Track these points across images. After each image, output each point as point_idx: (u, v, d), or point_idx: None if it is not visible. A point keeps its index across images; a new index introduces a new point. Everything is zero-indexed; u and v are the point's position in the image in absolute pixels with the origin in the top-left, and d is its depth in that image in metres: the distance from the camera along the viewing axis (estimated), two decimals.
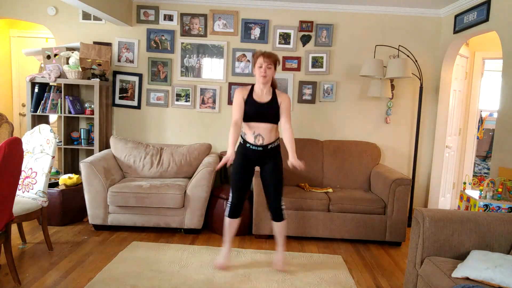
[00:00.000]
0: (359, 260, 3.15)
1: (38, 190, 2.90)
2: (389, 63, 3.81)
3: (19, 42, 5.23)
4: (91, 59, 3.89)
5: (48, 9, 4.17)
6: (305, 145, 4.02)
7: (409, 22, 4.18)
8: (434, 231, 2.17)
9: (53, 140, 2.91)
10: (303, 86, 4.24)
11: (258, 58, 2.72)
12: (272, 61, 2.71)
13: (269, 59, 2.69)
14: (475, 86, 4.66)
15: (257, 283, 2.62)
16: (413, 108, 4.26)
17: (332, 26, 4.16)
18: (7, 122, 4.11)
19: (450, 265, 2.02)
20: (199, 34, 4.21)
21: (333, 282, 2.70)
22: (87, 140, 4.13)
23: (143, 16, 4.21)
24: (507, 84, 3.02)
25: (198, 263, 2.90)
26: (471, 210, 2.75)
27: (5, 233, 2.39)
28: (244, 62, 4.24)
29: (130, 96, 4.31)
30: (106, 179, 3.45)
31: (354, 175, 3.95)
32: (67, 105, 3.98)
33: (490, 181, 2.72)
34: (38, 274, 2.63)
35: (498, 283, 1.80)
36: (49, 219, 3.51)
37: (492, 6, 3.28)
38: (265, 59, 2.68)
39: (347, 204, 3.42)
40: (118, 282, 2.54)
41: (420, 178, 4.32)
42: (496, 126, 3.15)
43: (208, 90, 4.28)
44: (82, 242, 3.24)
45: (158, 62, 4.26)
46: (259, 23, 4.19)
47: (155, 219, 3.46)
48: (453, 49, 4.02)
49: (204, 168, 3.51)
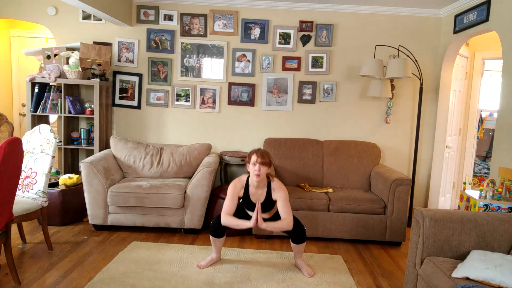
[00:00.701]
0: (359, 260, 3.15)
1: (38, 190, 2.90)
2: (389, 63, 3.81)
3: (19, 42, 5.23)
4: (91, 59, 3.89)
5: (48, 9, 4.17)
6: (305, 145, 4.02)
7: (409, 22, 4.18)
8: (434, 231, 2.17)
9: (53, 140, 2.91)
10: (303, 86, 4.24)
11: (252, 156, 2.73)
12: (266, 159, 2.71)
13: (262, 159, 2.69)
14: (475, 86, 4.66)
15: (257, 283, 2.62)
16: (413, 108, 4.26)
17: (332, 26, 4.16)
18: (7, 122, 4.12)
19: (450, 265, 2.02)
20: (199, 34, 4.21)
21: (333, 282, 2.70)
22: (87, 140, 4.13)
23: (143, 16, 4.21)
24: (507, 84, 3.02)
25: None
26: (471, 210, 2.75)
27: (5, 233, 2.39)
28: (244, 62, 4.24)
29: (130, 96, 4.31)
30: (106, 179, 3.45)
31: (354, 175, 3.95)
32: (67, 105, 3.98)
33: (490, 181, 2.72)
34: (38, 274, 2.63)
35: (498, 283, 1.80)
36: (49, 219, 3.51)
37: (492, 6, 3.28)
38: (258, 159, 2.69)
39: (347, 204, 3.42)
40: (118, 282, 2.54)
41: (420, 178, 4.32)
42: (496, 126, 3.15)
43: (208, 90, 4.28)
44: (82, 242, 3.24)
45: (158, 62, 4.26)
46: (259, 23, 4.19)
47: (155, 219, 3.46)
48: (453, 49, 4.02)
49: (204, 168, 3.51)
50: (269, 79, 4.24)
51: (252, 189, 2.81)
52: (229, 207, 2.75)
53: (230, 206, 2.75)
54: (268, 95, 4.26)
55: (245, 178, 2.84)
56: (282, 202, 2.75)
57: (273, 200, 2.81)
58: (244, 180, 2.84)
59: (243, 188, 2.82)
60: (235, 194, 2.79)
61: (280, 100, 4.27)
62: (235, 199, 2.79)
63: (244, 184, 2.82)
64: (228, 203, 2.76)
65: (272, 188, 2.80)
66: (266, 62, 4.22)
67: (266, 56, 4.20)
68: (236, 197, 2.80)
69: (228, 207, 2.75)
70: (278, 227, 2.69)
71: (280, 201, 2.76)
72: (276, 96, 4.26)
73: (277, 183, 2.81)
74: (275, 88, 4.25)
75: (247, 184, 2.82)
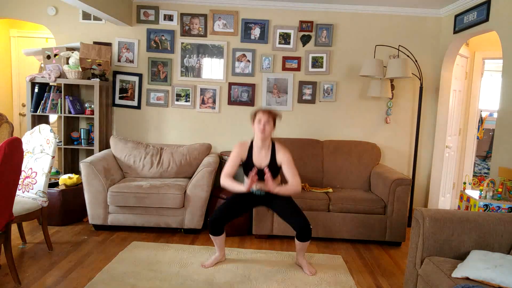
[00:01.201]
0: (359, 260, 3.15)
1: (38, 190, 2.90)
2: (389, 63, 3.81)
3: (19, 42, 5.23)
4: (91, 59, 3.89)
5: (48, 9, 4.17)
6: (305, 145, 4.02)
7: (409, 22, 4.18)
8: (434, 231, 2.17)
9: (53, 140, 2.91)
10: (303, 86, 4.24)
11: (257, 113, 2.75)
12: (271, 117, 2.73)
13: (268, 114, 2.72)
14: (475, 86, 4.66)
15: (257, 283, 2.62)
16: (413, 108, 4.26)
17: (332, 26, 4.16)
18: (7, 122, 4.11)
19: (450, 265, 2.02)
20: (199, 34, 4.21)
21: (333, 282, 2.70)
22: (87, 140, 4.13)
23: (143, 16, 4.21)
24: (507, 84, 3.02)
25: (198, 263, 2.90)
26: (471, 210, 2.75)
27: (5, 233, 2.39)
28: (244, 62, 4.24)
29: (130, 96, 4.31)
30: (106, 179, 3.45)
31: (354, 175, 3.95)
32: (67, 105, 3.98)
33: (490, 181, 2.72)
34: (38, 274, 2.63)
35: (498, 283, 1.80)
36: (49, 219, 3.50)
37: (492, 6, 3.28)
38: (264, 114, 2.71)
39: (347, 204, 3.42)
40: (118, 282, 2.54)
41: (420, 178, 4.32)
42: (496, 126, 3.15)
43: (208, 90, 4.28)
44: (82, 242, 3.24)
45: (158, 62, 4.26)
46: (259, 23, 4.19)
47: (155, 219, 3.46)
48: (453, 49, 4.02)
49: (204, 168, 3.51)
50: (269, 79, 4.24)
51: (256, 150, 2.79)
52: (228, 169, 2.77)
53: (229, 168, 2.78)
54: (268, 95, 4.26)
55: (250, 141, 2.85)
56: (287, 164, 2.75)
57: (277, 165, 2.78)
58: (248, 143, 2.84)
59: (247, 150, 2.81)
60: (238, 155, 2.80)
61: (280, 100, 4.27)
62: (237, 161, 2.79)
63: (248, 146, 2.82)
64: (228, 164, 2.78)
65: (276, 150, 2.79)
66: (266, 62, 4.22)
67: (266, 56, 4.20)
68: (239, 159, 2.79)
69: (227, 168, 2.78)
70: (288, 190, 2.71)
71: (285, 163, 2.75)
72: (276, 96, 4.26)
73: (281, 145, 2.82)
74: (275, 88, 4.25)
75: (251, 146, 2.82)
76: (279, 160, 2.78)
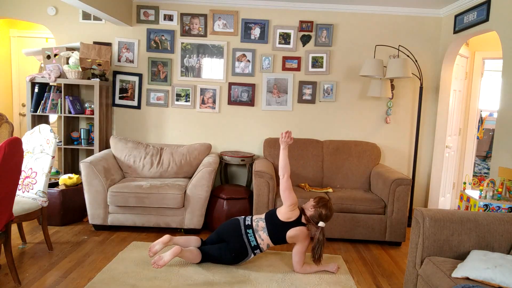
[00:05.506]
0: (359, 260, 3.15)
1: (38, 190, 2.90)
2: (389, 63, 3.81)
3: (19, 42, 5.23)
4: (91, 59, 3.89)
5: (48, 9, 4.17)
6: (305, 145, 4.02)
7: (409, 22, 4.18)
8: (434, 231, 2.17)
9: (53, 140, 2.91)
10: (303, 86, 4.24)
11: (327, 218, 2.76)
12: (317, 206, 2.76)
13: (319, 203, 2.76)
14: (475, 86, 4.66)
15: (257, 283, 2.62)
16: (413, 108, 4.26)
17: (332, 26, 4.16)
18: (7, 122, 4.11)
19: (450, 265, 2.02)
20: (199, 34, 4.21)
21: (333, 282, 2.70)
22: (87, 140, 4.13)
23: (143, 16, 4.21)
24: (507, 84, 3.02)
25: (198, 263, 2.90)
26: (471, 210, 2.75)
27: (5, 233, 2.39)
28: (244, 62, 4.24)
29: (130, 96, 4.31)
30: (106, 179, 3.45)
31: (354, 175, 3.95)
32: (67, 105, 3.98)
33: (490, 181, 2.72)
34: (38, 274, 2.63)
35: (498, 283, 1.80)
36: (49, 219, 3.51)
37: (492, 6, 3.28)
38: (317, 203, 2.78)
39: (347, 204, 3.42)
40: (118, 282, 2.54)
41: (420, 178, 4.32)
42: (496, 126, 3.15)
43: (208, 90, 4.28)
44: (82, 242, 3.24)
45: (158, 62, 4.26)
46: (259, 23, 4.19)
47: (155, 219, 3.46)
48: (453, 49, 4.02)
49: (204, 168, 3.51)
50: (269, 79, 4.24)
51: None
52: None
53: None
54: (268, 95, 4.26)
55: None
56: (297, 249, 2.82)
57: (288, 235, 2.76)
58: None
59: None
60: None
61: (280, 100, 4.27)
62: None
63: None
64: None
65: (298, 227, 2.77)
66: (266, 62, 4.22)
67: (266, 56, 4.20)
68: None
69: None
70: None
71: (296, 246, 2.82)
72: (276, 96, 4.26)
73: (305, 231, 2.80)
74: (275, 88, 4.25)
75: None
76: (294, 237, 2.79)
